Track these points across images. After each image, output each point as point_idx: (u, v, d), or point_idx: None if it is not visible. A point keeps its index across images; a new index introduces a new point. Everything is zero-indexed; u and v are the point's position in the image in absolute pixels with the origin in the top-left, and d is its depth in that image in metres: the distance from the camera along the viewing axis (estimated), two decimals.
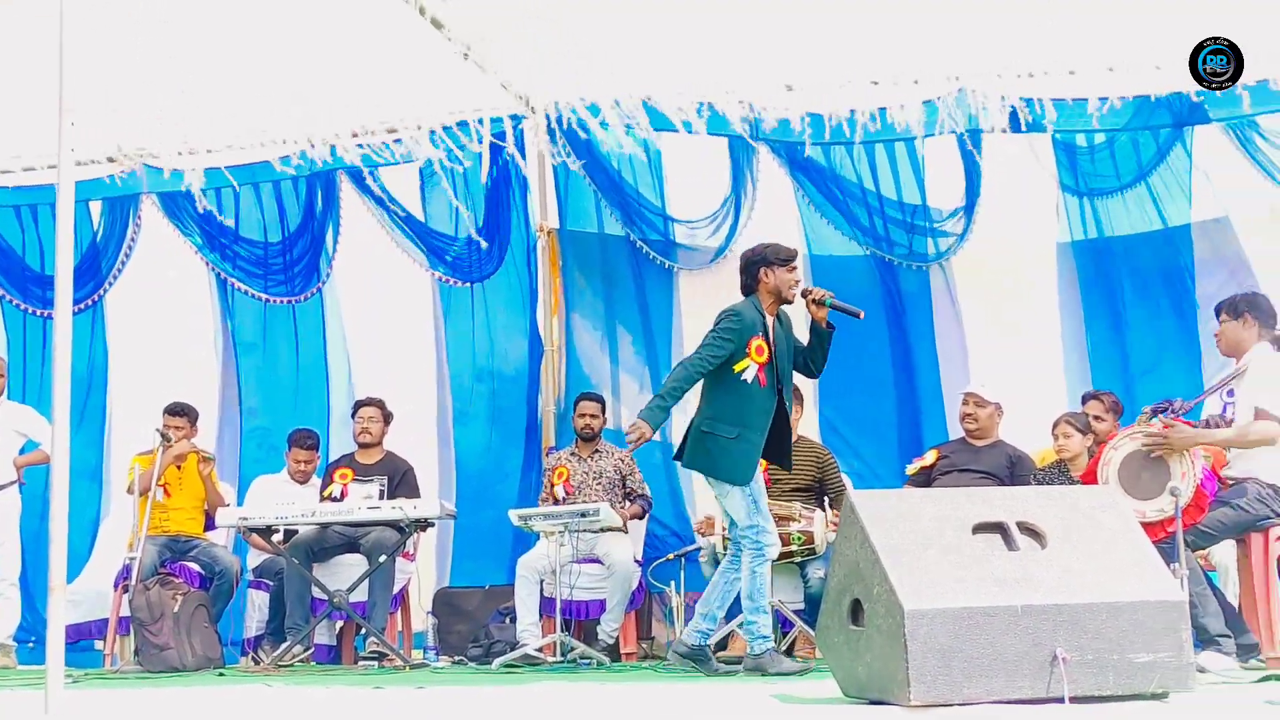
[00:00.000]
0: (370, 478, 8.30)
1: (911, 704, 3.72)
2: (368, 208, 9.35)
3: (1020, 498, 4.32)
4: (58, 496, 3.83)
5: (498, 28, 8.02)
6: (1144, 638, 3.85)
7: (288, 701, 5.00)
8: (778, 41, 7.98)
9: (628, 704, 4.61)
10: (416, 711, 4.62)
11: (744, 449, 6.22)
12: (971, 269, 8.90)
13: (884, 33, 7.87)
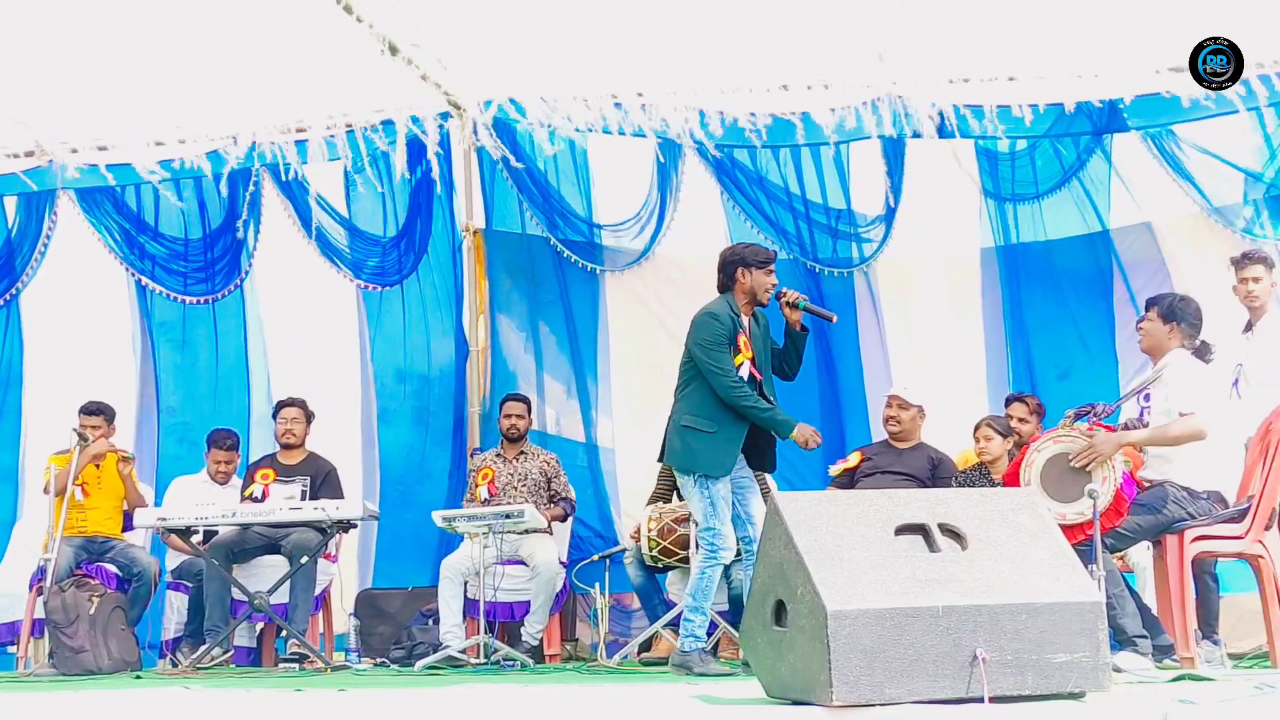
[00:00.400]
0: (292, 478, 8.23)
1: (834, 704, 3.73)
2: (287, 210, 9.27)
3: (942, 499, 4.35)
4: None
5: (423, 23, 7.98)
6: (1062, 638, 3.89)
7: (207, 704, 4.94)
8: (707, 44, 8.00)
9: (551, 705, 4.60)
10: (338, 714, 4.58)
11: (721, 443, 6.29)
12: (895, 273, 8.99)
13: (811, 37, 7.91)
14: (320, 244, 9.23)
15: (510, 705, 4.57)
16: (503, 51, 8.26)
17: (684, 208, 9.00)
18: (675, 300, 8.88)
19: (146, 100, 8.62)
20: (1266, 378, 6.63)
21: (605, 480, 8.89)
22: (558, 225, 9.11)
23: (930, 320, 8.95)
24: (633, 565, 7.71)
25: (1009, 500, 4.41)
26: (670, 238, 9.04)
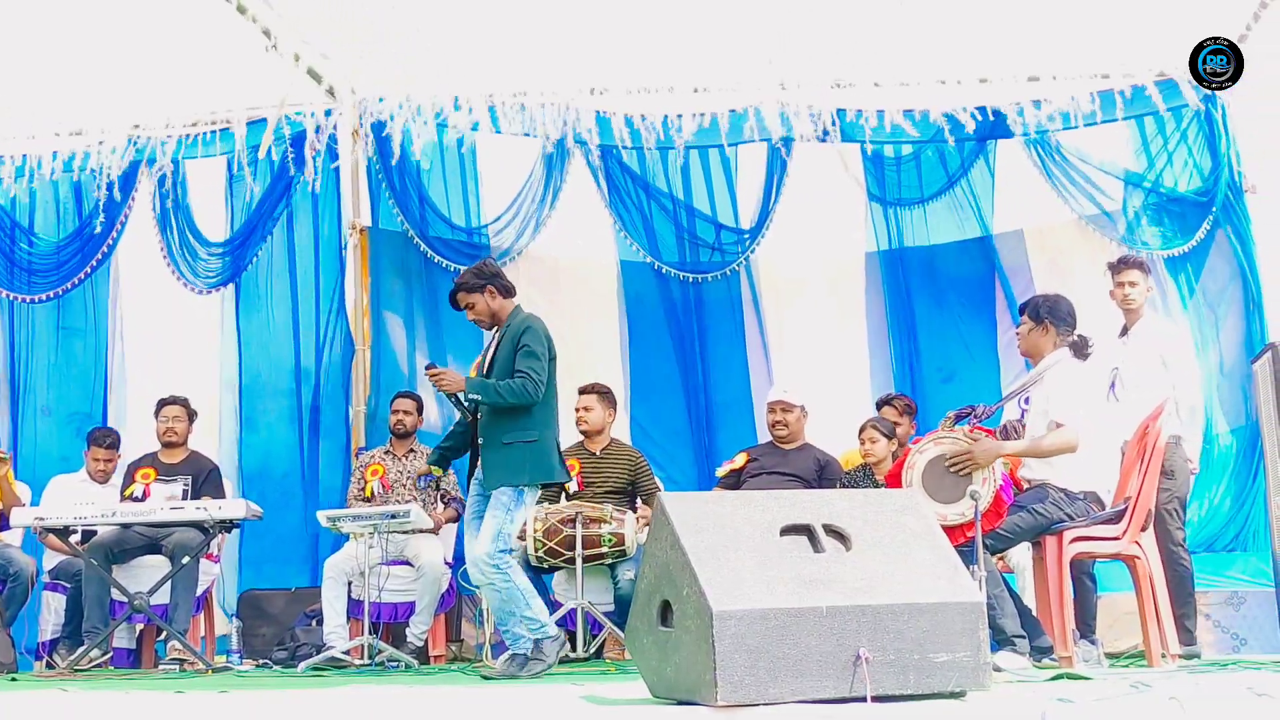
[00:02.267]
0: (174, 477, 8.10)
1: (718, 704, 3.75)
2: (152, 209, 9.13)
3: (827, 500, 4.39)
4: None
5: (310, 19, 7.91)
6: (943, 638, 3.94)
7: (84, 707, 4.85)
8: (597, 44, 8.02)
9: (436, 706, 4.57)
10: (220, 716, 4.52)
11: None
12: (778, 277, 9.07)
13: (702, 40, 7.96)
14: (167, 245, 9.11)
15: (395, 707, 4.54)
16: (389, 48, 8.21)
17: (566, 209, 8.99)
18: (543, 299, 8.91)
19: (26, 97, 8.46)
20: (1142, 381, 6.79)
21: None
22: (429, 224, 9.04)
23: (814, 323, 9.06)
24: None
25: (893, 501, 4.46)
26: (546, 238, 9.02)
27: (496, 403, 6.22)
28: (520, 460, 6.25)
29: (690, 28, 7.82)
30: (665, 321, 9.04)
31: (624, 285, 9.08)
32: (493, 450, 6.27)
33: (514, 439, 6.25)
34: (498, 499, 6.20)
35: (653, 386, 9.00)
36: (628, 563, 7.47)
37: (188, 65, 8.19)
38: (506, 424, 6.26)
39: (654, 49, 8.08)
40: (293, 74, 8.42)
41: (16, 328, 9.36)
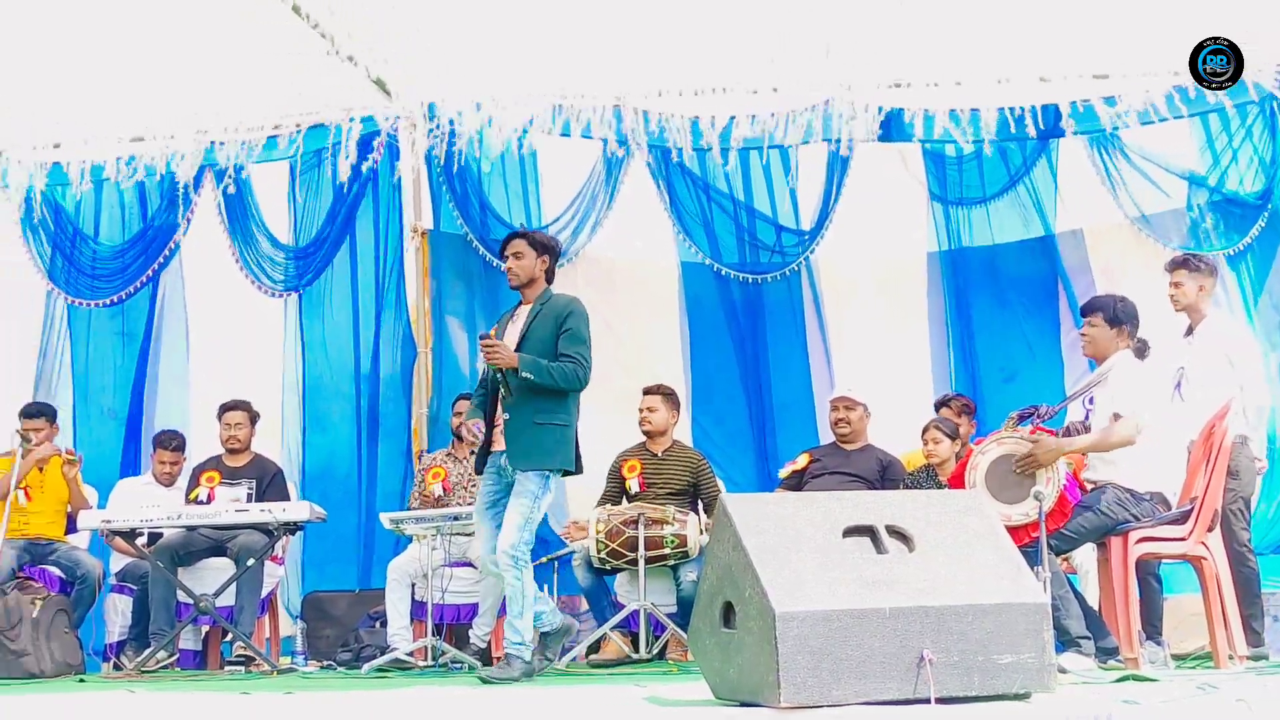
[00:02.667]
0: (238, 480, 8.17)
1: (781, 706, 3.74)
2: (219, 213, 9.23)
3: (890, 501, 4.37)
4: None
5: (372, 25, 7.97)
6: (1008, 639, 3.92)
7: (151, 708, 4.90)
8: (657, 46, 8.02)
9: (499, 708, 4.59)
10: (284, 717, 4.56)
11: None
12: (839, 277, 9.03)
13: (759, 40, 7.94)
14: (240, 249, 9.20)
15: (458, 708, 4.56)
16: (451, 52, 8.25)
17: (625, 211, 8.98)
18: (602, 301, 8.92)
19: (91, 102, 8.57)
20: (1207, 380, 6.71)
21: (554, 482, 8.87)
22: (489, 227, 9.07)
23: (874, 324, 9.01)
24: (581, 567, 7.71)
25: (956, 502, 4.44)
26: (604, 240, 9.03)
27: (546, 384, 6.01)
28: (553, 444, 6.08)
29: (750, 28, 7.81)
30: (726, 323, 9.03)
31: (684, 287, 9.07)
32: (522, 431, 6.05)
33: (546, 420, 6.06)
34: (525, 486, 6.01)
35: (714, 388, 8.98)
36: (690, 564, 7.46)
37: (251, 70, 8.26)
38: (540, 404, 6.06)
39: (714, 50, 8.07)
40: (355, 79, 8.48)
41: (80, 332, 9.48)
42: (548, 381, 6.01)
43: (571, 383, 6.08)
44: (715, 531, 4.27)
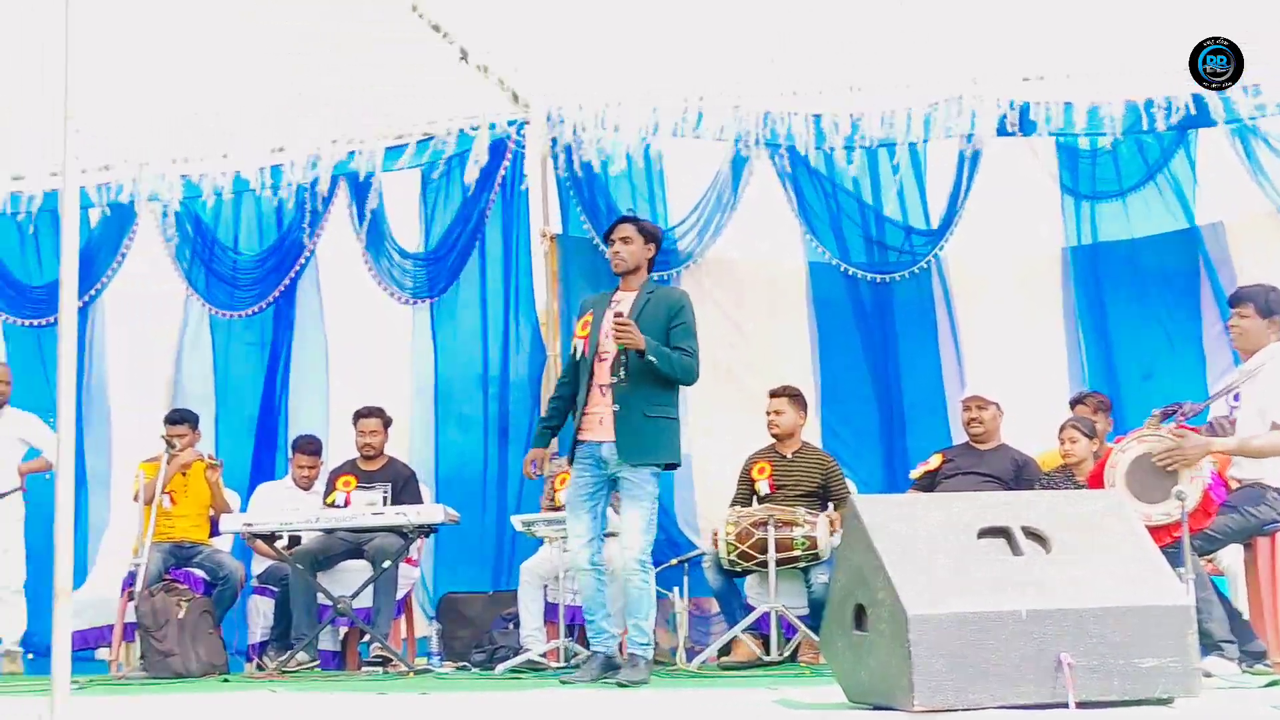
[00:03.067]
0: (373, 484, 8.29)
1: (915, 709, 3.71)
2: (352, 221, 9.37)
3: (1025, 502, 4.32)
4: (63, 503, 3.82)
5: (496, 31, 8.04)
6: (1150, 643, 3.84)
7: (292, 707, 5.00)
8: (781, 45, 7.99)
9: (632, 709, 4.61)
10: (420, 717, 4.62)
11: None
12: (971, 274, 8.89)
13: (887, 36, 7.87)
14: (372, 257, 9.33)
15: (592, 709, 4.58)
16: (576, 57, 8.29)
17: (751, 212, 8.93)
18: (729, 302, 8.90)
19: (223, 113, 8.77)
20: None
21: (683, 485, 8.88)
22: None
23: (1007, 321, 8.84)
24: (711, 569, 7.70)
25: (1094, 502, 4.37)
26: (730, 241, 8.99)
27: (666, 373, 5.94)
28: (665, 438, 6.02)
29: (878, 25, 7.74)
30: (855, 322, 8.94)
31: (812, 287, 9.00)
32: (633, 422, 5.93)
33: (658, 413, 5.99)
34: (637, 484, 5.93)
35: (843, 388, 8.91)
36: (821, 566, 7.42)
37: (382, 80, 8.38)
38: (652, 397, 5.97)
39: (839, 48, 8.02)
40: (484, 86, 8.56)
41: (220, 340, 9.70)
42: (667, 369, 5.94)
43: (687, 375, 6.04)
44: (846, 533, 4.25)
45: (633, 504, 5.93)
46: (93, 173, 9.53)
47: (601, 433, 6.01)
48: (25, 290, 9.90)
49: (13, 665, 8.58)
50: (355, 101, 8.76)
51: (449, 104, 8.94)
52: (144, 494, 8.09)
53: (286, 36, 7.75)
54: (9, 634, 8.65)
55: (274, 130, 9.17)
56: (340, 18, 7.62)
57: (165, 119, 8.87)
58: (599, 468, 6.04)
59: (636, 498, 5.93)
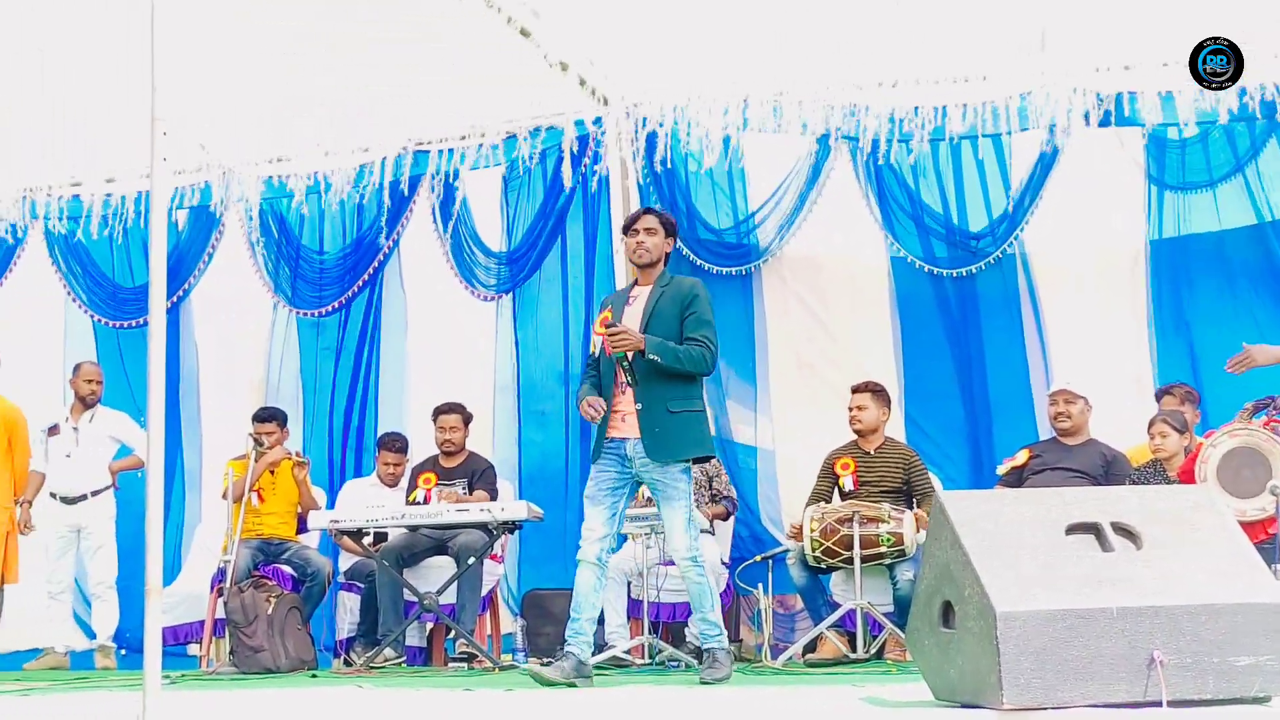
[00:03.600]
0: (453, 481, 8.36)
1: (1004, 707, 3.67)
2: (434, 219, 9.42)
3: (1114, 497, 4.25)
4: (153, 501, 3.87)
5: (575, 29, 8.05)
6: (1245, 640, 3.77)
7: (380, 703, 5.04)
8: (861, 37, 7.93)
9: (716, 706, 4.60)
10: (506, 714, 4.64)
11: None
12: (1055, 267, 8.77)
13: (969, 28, 7.80)
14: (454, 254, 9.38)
15: (676, 706, 4.58)
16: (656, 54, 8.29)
17: (830, 206, 8.87)
18: (811, 296, 8.85)
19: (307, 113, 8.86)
20: None
21: (766, 481, 8.85)
22: (695, 227, 9.06)
23: (1093, 314, 8.71)
24: (796, 566, 7.67)
25: (1185, 497, 4.29)
26: (809, 236, 8.93)
27: (674, 367, 5.78)
28: (693, 432, 5.86)
29: (957, 15, 7.67)
30: (938, 316, 8.85)
31: (894, 281, 8.93)
32: (657, 419, 5.79)
33: (681, 408, 5.83)
34: (670, 484, 5.81)
35: (927, 383, 8.83)
36: (907, 563, 7.37)
37: (463, 79, 8.43)
38: (672, 391, 5.83)
39: (920, 39, 7.95)
40: (564, 84, 8.58)
41: (306, 338, 9.81)
42: (674, 365, 5.78)
43: (700, 366, 5.85)
44: (932, 529, 4.21)
45: (669, 505, 5.85)
46: (180, 175, 9.67)
47: (626, 429, 5.89)
48: (115, 292, 10.07)
49: (106, 660, 8.75)
50: (436, 101, 8.81)
51: (529, 102, 8.96)
52: (233, 491, 8.21)
53: (365, 37, 7.81)
54: (103, 629, 8.83)
55: (356, 131, 9.25)
56: (420, 17, 7.67)
57: (249, 121, 8.97)
58: (623, 464, 5.90)
59: (671, 498, 5.85)
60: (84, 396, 9.02)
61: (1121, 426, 7.97)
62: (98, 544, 8.86)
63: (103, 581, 8.85)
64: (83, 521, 8.87)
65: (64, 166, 9.79)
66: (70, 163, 9.70)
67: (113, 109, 8.07)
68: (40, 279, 10.21)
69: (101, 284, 10.10)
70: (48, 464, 8.95)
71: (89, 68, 7.83)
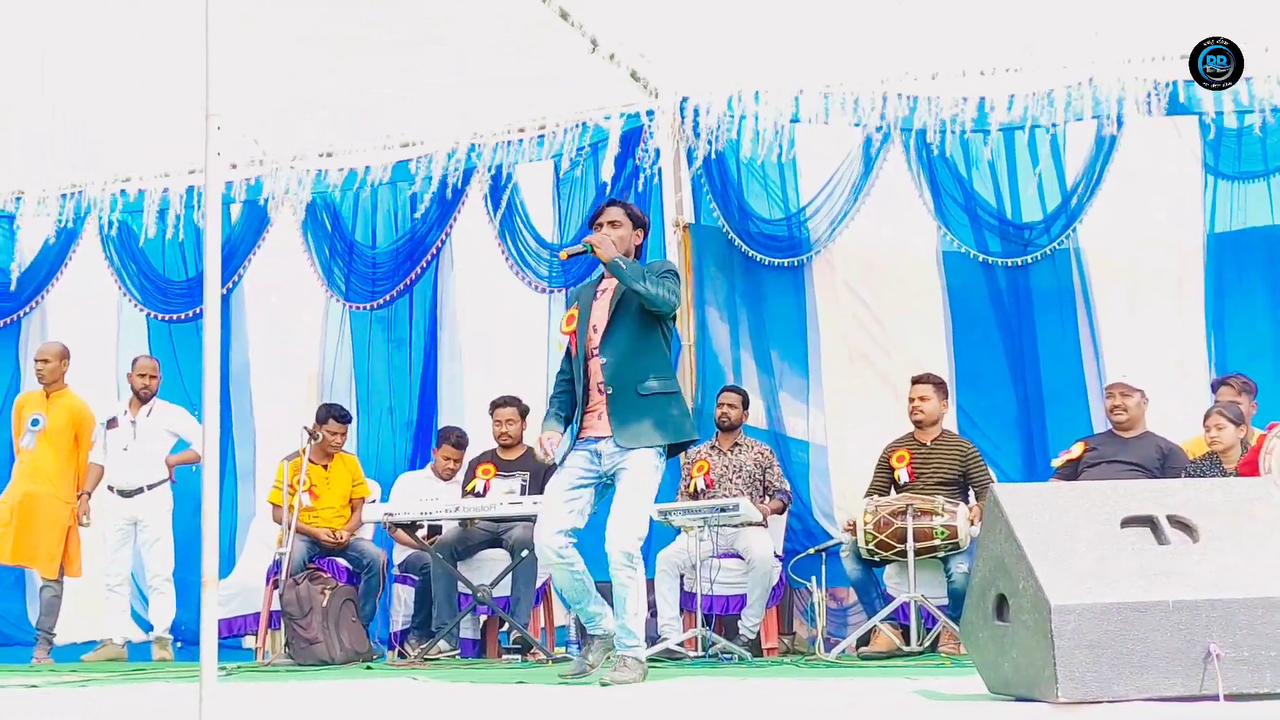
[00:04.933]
0: (511, 473, 8.37)
1: (1059, 701, 3.65)
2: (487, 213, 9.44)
3: (1170, 490, 4.21)
4: (208, 493, 3.91)
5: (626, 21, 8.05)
6: None
7: (434, 694, 5.06)
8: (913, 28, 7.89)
9: (770, 700, 4.59)
10: (560, 706, 4.65)
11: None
12: (1110, 258, 8.67)
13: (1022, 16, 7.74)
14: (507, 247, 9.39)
15: (729, 699, 4.58)
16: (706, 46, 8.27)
17: (882, 198, 8.82)
18: (863, 286, 8.81)
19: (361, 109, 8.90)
20: None
21: (819, 474, 8.83)
22: (749, 218, 9.04)
23: (1148, 306, 8.60)
24: (849, 559, 7.65)
25: (1242, 490, 4.25)
26: (860, 228, 8.88)
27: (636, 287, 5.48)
28: (664, 415, 5.57)
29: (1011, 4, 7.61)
30: (991, 308, 8.78)
31: (945, 272, 8.86)
32: (626, 402, 5.55)
33: (650, 390, 5.57)
34: (638, 470, 5.52)
35: (979, 376, 8.76)
36: (961, 556, 7.33)
37: (514, 72, 8.44)
38: (643, 370, 5.58)
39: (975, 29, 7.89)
40: (615, 76, 8.58)
41: (360, 333, 9.85)
42: (638, 282, 5.47)
43: (661, 301, 5.50)
44: (986, 522, 4.18)
45: (629, 489, 5.52)
46: (232, 170, 9.74)
47: (600, 428, 5.65)
48: (166, 286, 10.15)
49: (163, 652, 8.84)
50: (491, 95, 8.83)
51: (580, 95, 8.97)
52: (285, 486, 8.21)
53: (416, 30, 7.84)
54: (159, 622, 8.92)
55: (408, 125, 9.29)
56: (470, 10, 7.69)
57: (302, 115, 9.02)
58: (593, 462, 5.65)
59: (631, 486, 5.53)
60: (138, 390, 9.11)
61: (1177, 419, 7.89)
62: (154, 537, 8.95)
63: (159, 574, 8.94)
64: (139, 514, 8.96)
65: (117, 161, 9.88)
66: (123, 157, 9.79)
67: (165, 103, 8.13)
68: (94, 273, 10.30)
69: (152, 278, 10.17)
70: (106, 457, 9.07)
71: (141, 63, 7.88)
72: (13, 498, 9.02)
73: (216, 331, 4.05)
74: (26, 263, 10.48)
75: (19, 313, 10.45)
